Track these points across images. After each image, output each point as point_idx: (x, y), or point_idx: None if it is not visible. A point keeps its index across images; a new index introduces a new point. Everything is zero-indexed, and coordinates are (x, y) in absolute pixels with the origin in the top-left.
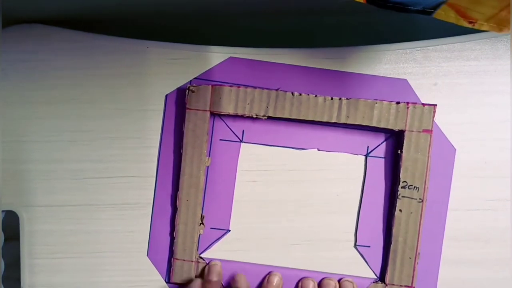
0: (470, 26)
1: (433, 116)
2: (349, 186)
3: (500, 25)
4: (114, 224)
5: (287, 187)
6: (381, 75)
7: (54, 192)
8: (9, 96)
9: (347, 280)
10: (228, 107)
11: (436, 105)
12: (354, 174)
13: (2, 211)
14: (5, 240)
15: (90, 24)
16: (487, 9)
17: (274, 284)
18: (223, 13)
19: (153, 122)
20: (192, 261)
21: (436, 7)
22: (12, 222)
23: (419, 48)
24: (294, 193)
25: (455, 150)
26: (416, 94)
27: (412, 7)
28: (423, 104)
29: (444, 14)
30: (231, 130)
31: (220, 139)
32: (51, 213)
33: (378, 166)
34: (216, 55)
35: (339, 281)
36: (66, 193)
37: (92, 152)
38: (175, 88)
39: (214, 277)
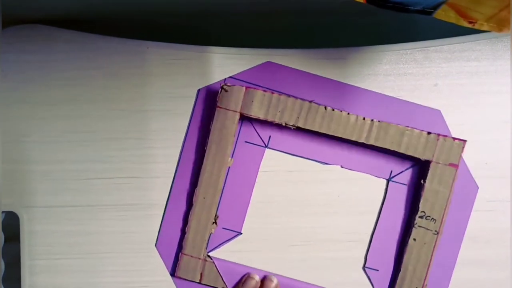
0: (470, 26)
1: (462, 151)
2: (350, 188)
3: (500, 25)
4: (114, 225)
5: (288, 188)
6: (382, 75)
7: (55, 192)
8: (10, 97)
9: None
10: (259, 112)
11: (466, 141)
12: (353, 175)
13: (2, 211)
14: (5, 240)
15: (90, 25)
16: (487, 9)
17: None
18: (223, 13)
19: (154, 122)
20: (199, 259)
21: (436, 7)
22: (12, 222)
23: (419, 49)
24: (294, 194)
25: (478, 188)
26: (447, 127)
27: (412, 7)
28: (453, 138)
29: (444, 14)
30: (258, 134)
31: (246, 141)
32: (51, 214)
33: (399, 192)
34: (217, 56)
35: None
36: (67, 194)
37: (92, 152)
38: (176, 88)
39: None
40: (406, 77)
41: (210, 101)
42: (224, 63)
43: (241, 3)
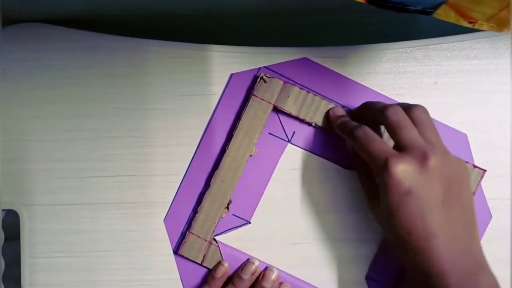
0: (470, 26)
1: (480, 180)
2: (352, 186)
3: (500, 25)
4: (114, 223)
5: (288, 186)
6: (381, 73)
7: (55, 191)
8: (10, 95)
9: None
10: (292, 107)
11: (485, 170)
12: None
13: (3, 210)
14: (5, 239)
15: (90, 23)
16: (487, 9)
17: (272, 278)
18: (223, 13)
19: (154, 121)
20: (205, 240)
21: (436, 7)
22: (12, 221)
23: (419, 47)
24: (295, 192)
25: (491, 218)
26: (471, 153)
27: (412, 7)
28: (474, 166)
29: (444, 14)
30: (283, 127)
31: (269, 133)
32: (52, 212)
33: None
34: (217, 54)
35: None
36: (67, 192)
37: (92, 151)
38: (176, 86)
39: (246, 276)
40: (406, 75)
41: (241, 87)
42: (224, 62)
43: (242, 3)
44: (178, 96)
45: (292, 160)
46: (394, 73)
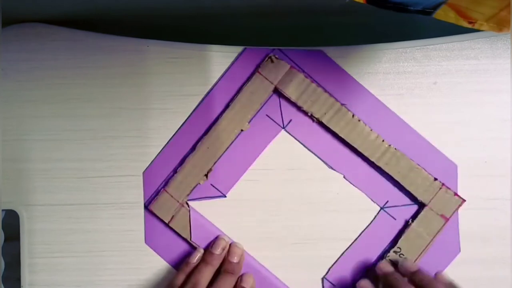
0: (470, 26)
1: (457, 208)
2: (349, 185)
3: (500, 25)
4: (113, 223)
5: (287, 186)
6: (381, 73)
7: (54, 191)
8: (10, 95)
9: None
10: (292, 93)
11: (465, 200)
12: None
13: (2, 210)
14: (5, 239)
15: (90, 23)
16: (487, 9)
17: (238, 252)
18: (223, 13)
19: (154, 121)
20: (178, 202)
21: (436, 7)
22: (12, 221)
23: (419, 47)
24: (294, 191)
25: (459, 252)
26: (457, 183)
27: (412, 7)
28: (455, 194)
29: (444, 14)
30: (281, 112)
31: (266, 115)
32: (51, 212)
33: (386, 224)
34: (217, 54)
35: None
36: (66, 192)
37: (92, 151)
38: (176, 86)
39: (217, 251)
40: (405, 75)
41: (250, 62)
42: (224, 62)
43: (241, 3)
44: (178, 96)
45: (272, 162)
46: (394, 73)
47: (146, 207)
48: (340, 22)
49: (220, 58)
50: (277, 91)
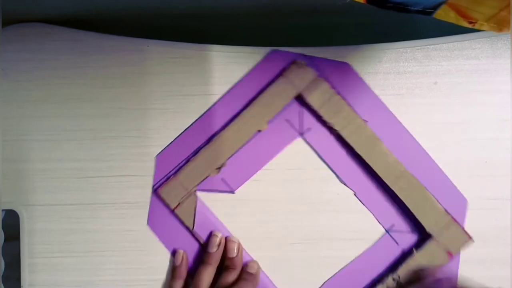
0: (470, 26)
1: (464, 246)
2: (350, 185)
3: (500, 25)
4: (113, 223)
5: (287, 186)
6: (381, 73)
7: (54, 191)
8: (9, 95)
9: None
10: (315, 101)
11: (473, 240)
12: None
13: (2, 210)
14: (5, 239)
15: (90, 23)
16: (487, 9)
17: (235, 247)
18: (223, 13)
19: (154, 121)
20: (186, 190)
21: (436, 7)
22: (12, 221)
23: (419, 47)
24: (294, 191)
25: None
26: (465, 220)
27: (412, 7)
28: (465, 232)
29: (444, 14)
30: (299, 119)
31: (286, 119)
32: (51, 212)
33: (388, 247)
34: (217, 54)
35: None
36: (66, 192)
37: (92, 151)
38: (176, 86)
39: (213, 249)
40: (406, 75)
41: (276, 65)
42: (224, 62)
43: (241, 3)
44: (178, 96)
45: (273, 163)
46: (394, 73)
47: (155, 190)
48: (340, 22)
49: (220, 58)
50: (300, 97)
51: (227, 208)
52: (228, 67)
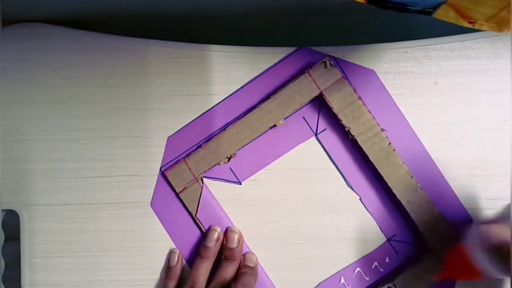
0: (470, 26)
1: None
2: (350, 185)
3: (500, 25)
4: (114, 223)
5: (288, 186)
6: (381, 73)
7: (55, 191)
8: (10, 95)
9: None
10: (337, 103)
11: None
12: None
13: (2, 210)
14: (5, 239)
15: (90, 23)
16: (487, 9)
17: (236, 238)
18: (223, 13)
19: (154, 121)
20: (193, 175)
21: (436, 7)
22: (12, 221)
23: (419, 47)
24: (294, 192)
25: None
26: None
27: (412, 7)
28: None
29: (444, 14)
30: (317, 119)
31: (303, 117)
32: (52, 212)
33: (386, 255)
34: (217, 54)
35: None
36: (67, 192)
37: (92, 151)
38: (176, 86)
39: (210, 244)
40: (406, 75)
41: (302, 62)
42: (224, 62)
43: (241, 3)
44: (178, 96)
45: (274, 163)
46: (394, 73)
47: (162, 172)
48: (340, 22)
49: (220, 58)
50: (321, 97)
51: (227, 208)
52: (228, 67)
